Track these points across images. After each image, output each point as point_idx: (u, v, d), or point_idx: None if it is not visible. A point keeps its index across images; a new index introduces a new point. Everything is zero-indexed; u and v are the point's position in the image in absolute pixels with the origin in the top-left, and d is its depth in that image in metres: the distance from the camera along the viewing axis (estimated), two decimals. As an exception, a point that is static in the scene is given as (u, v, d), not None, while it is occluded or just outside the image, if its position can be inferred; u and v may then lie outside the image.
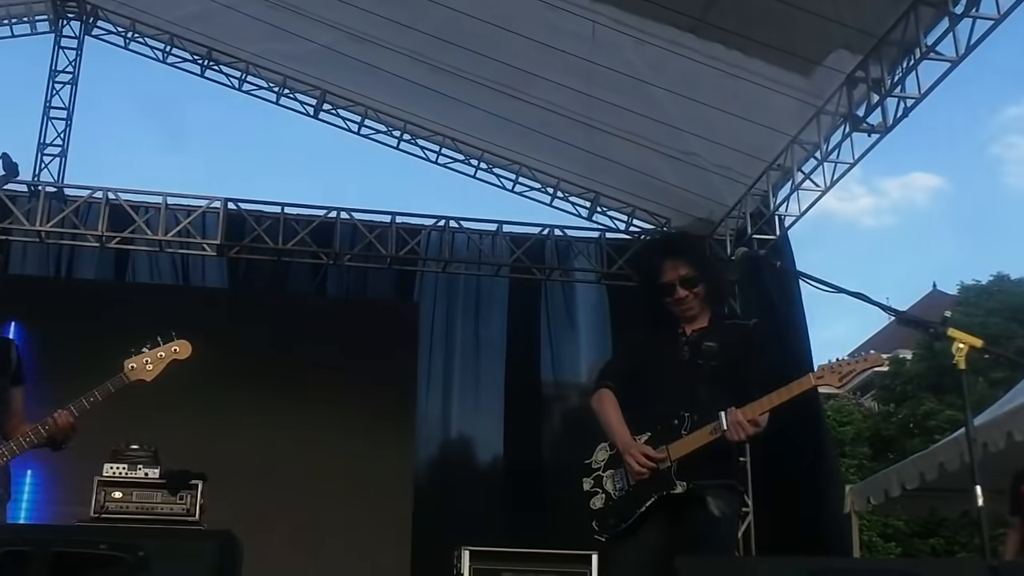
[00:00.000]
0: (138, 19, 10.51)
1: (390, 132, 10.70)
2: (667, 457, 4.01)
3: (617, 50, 8.34)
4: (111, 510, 6.86)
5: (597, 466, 4.22)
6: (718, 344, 4.17)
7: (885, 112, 7.57)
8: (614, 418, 4.23)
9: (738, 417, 3.91)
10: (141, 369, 4.55)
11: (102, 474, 7.03)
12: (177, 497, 6.99)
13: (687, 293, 4.24)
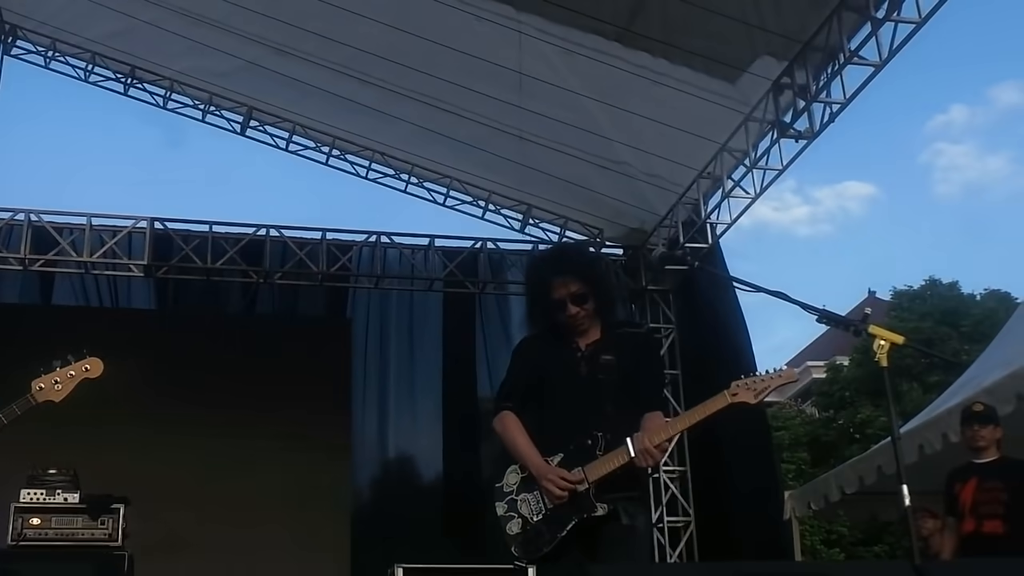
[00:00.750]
0: (59, 38, 10.29)
1: (318, 148, 10.58)
2: (584, 479, 3.93)
3: (544, 60, 8.32)
4: (29, 537, 6.64)
5: (509, 490, 4.10)
6: (615, 357, 4.12)
7: (812, 118, 7.63)
8: (522, 441, 4.11)
9: (645, 444, 3.87)
10: (49, 389, 4.36)
11: (19, 500, 6.81)
12: (98, 522, 6.80)
13: (578, 309, 4.14)
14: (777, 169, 8.29)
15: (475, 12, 8.02)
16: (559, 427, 4.09)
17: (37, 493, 6.81)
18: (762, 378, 3.95)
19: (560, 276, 4.18)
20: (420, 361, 10.49)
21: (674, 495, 9.87)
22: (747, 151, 8.33)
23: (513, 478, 4.11)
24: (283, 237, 10.10)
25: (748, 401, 3.91)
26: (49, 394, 4.36)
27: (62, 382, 4.38)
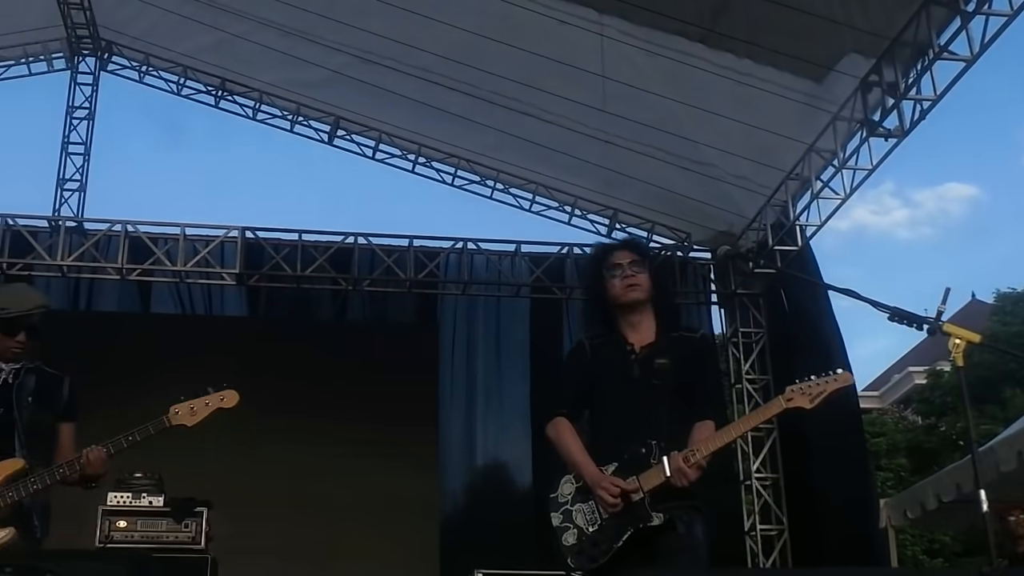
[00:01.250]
0: (152, 52, 10.60)
1: (405, 156, 10.69)
2: (639, 488, 3.87)
3: (628, 63, 8.26)
4: (116, 539, 6.79)
5: (564, 500, 4.03)
6: (670, 360, 4.05)
7: (901, 116, 7.42)
8: (575, 449, 4.05)
9: (679, 464, 3.81)
10: (184, 415, 4.48)
11: (106, 503, 6.96)
12: (182, 525, 6.92)
13: (634, 274, 4.14)
14: (867, 169, 8.09)
15: (557, 16, 8.00)
16: (613, 434, 4.04)
17: (123, 496, 6.96)
18: (817, 382, 3.88)
19: (622, 249, 4.26)
20: (507, 367, 10.48)
21: (767, 503, 9.71)
22: (835, 151, 8.14)
23: (568, 488, 4.05)
24: (371, 245, 10.19)
25: (803, 406, 3.84)
26: (183, 419, 4.47)
27: (198, 409, 4.49)
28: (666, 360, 4.04)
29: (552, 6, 7.91)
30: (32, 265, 9.81)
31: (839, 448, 9.45)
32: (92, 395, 8.42)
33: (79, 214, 10.11)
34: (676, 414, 3.99)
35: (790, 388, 3.86)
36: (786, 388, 3.87)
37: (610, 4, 7.71)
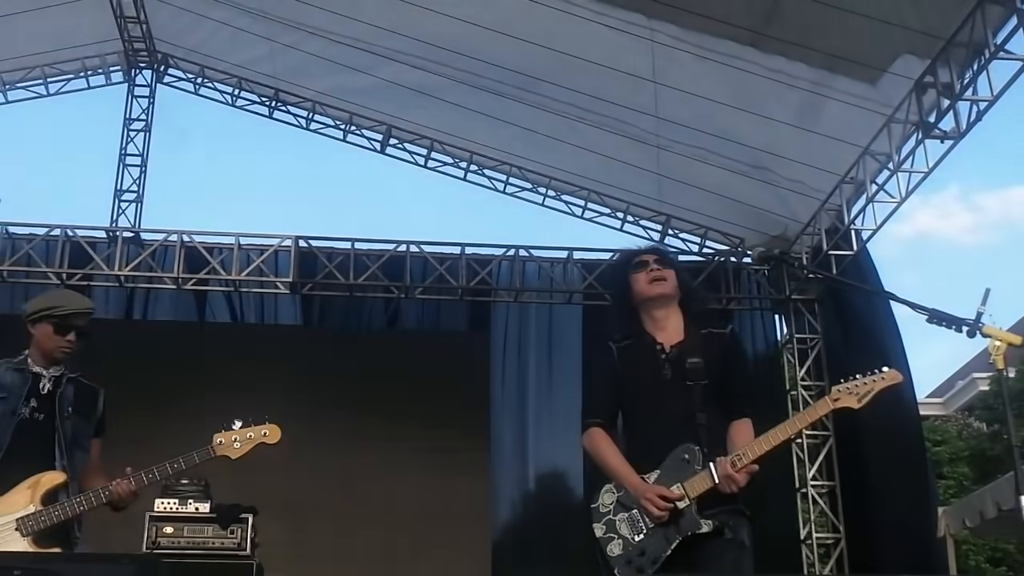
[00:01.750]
0: (207, 64, 10.73)
1: (456, 163, 10.72)
2: (684, 495, 3.81)
3: (679, 67, 8.22)
4: (163, 545, 6.86)
5: (606, 510, 3.96)
6: (702, 359, 3.97)
7: (957, 117, 7.28)
8: (614, 459, 4.00)
9: (727, 471, 3.75)
10: (228, 446, 4.57)
11: (153, 509, 7.03)
12: (228, 531, 6.96)
13: (659, 269, 4.13)
14: (923, 171, 7.96)
15: (606, 22, 7.97)
16: (650, 438, 3.98)
17: (170, 502, 7.02)
18: (864, 381, 3.78)
19: (648, 252, 4.25)
20: (559, 374, 10.43)
21: (823, 510, 9.59)
22: (890, 154, 8.02)
23: (609, 498, 3.99)
24: (423, 253, 10.21)
25: (851, 406, 3.75)
26: (227, 450, 4.58)
27: (241, 442, 4.60)
28: (698, 359, 3.96)
29: (602, 11, 7.88)
30: (91, 275, 9.96)
31: (898, 455, 9.31)
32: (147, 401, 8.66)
33: (136, 224, 10.25)
34: (713, 415, 3.92)
35: (836, 388, 3.78)
36: (832, 388, 3.79)
37: (660, 9, 7.66)
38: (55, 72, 10.71)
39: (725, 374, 4.01)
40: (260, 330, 10.47)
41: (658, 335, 4.09)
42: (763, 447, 3.80)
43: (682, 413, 3.91)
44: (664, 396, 3.98)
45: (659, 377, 4.01)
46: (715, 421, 3.91)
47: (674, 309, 4.16)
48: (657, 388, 4.01)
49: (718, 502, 3.83)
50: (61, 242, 9.82)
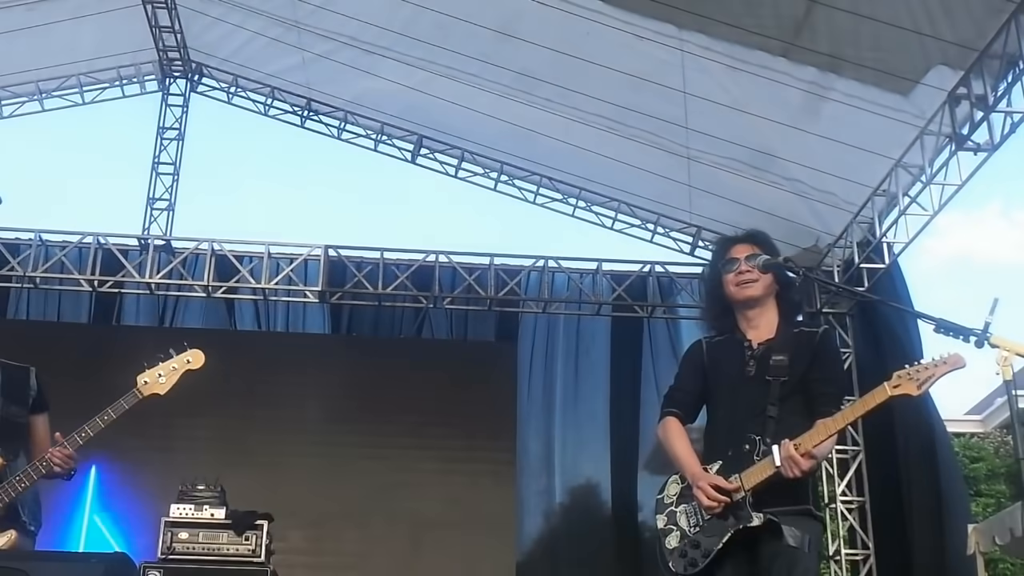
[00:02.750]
0: (240, 74, 10.80)
1: (487, 173, 10.71)
2: (740, 487, 3.73)
3: (710, 78, 8.17)
4: (177, 551, 6.85)
5: (669, 501, 3.93)
6: (787, 357, 3.87)
7: (991, 129, 7.17)
8: (681, 448, 3.96)
9: (790, 451, 3.62)
10: (154, 383, 4.50)
11: (168, 515, 7.04)
12: (243, 538, 6.94)
13: (750, 268, 3.97)
14: (956, 184, 7.86)
15: (637, 32, 7.95)
16: (723, 432, 3.93)
17: (186, 508, 7.02)
18: (926, 366, 3.59)
19: (746, 241, 4.10)
20: (587, 385, 10.42)
21: (852, 526, 9.49)
22: (923, 166, 7.93)
23: (674, 488, 3.96)
24: (452, 262, 10.21)
25: (911, 392, 3.57)
26: (154, 387, 4.51)
27: (166, 375, 4.52)
28: (783, 356, 3.87)
29: (632, 21, 7.86)
30: (122, 283, 10.06)
31: (928, 471, 9.22)
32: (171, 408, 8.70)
33: (167, 233, 10.31)
34: (789, 410, 3.81)
35: (897, 374, 3.61)
36: (892, 374, 3.62)
37: (690, 19, 7.62)
38: (91, 80, 10.80)
39: (811, 372, 3.89)
40: (288, 338, 10.51)
41: (749, 332, 4.02)
42: (820, 435, 3.67)
43: (756, 407, 3.83)
44: (744, 392, 3.91)
45: (743, 374, 3.94)
46: (789, 416, 3.79)
47: (769, 306, 4.05)
48: (739, 384, 3.94)
49: (783, 501, 3.72)
50: (93, 249, 9.92)
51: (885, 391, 3.62)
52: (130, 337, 10.00)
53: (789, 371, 3.85)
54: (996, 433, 25.89)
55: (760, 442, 3.76)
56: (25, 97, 10.78)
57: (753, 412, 3.84)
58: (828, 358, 4.07)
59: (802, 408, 3.84)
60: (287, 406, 9.41)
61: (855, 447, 9.63)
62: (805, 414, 3.79)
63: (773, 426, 3.77)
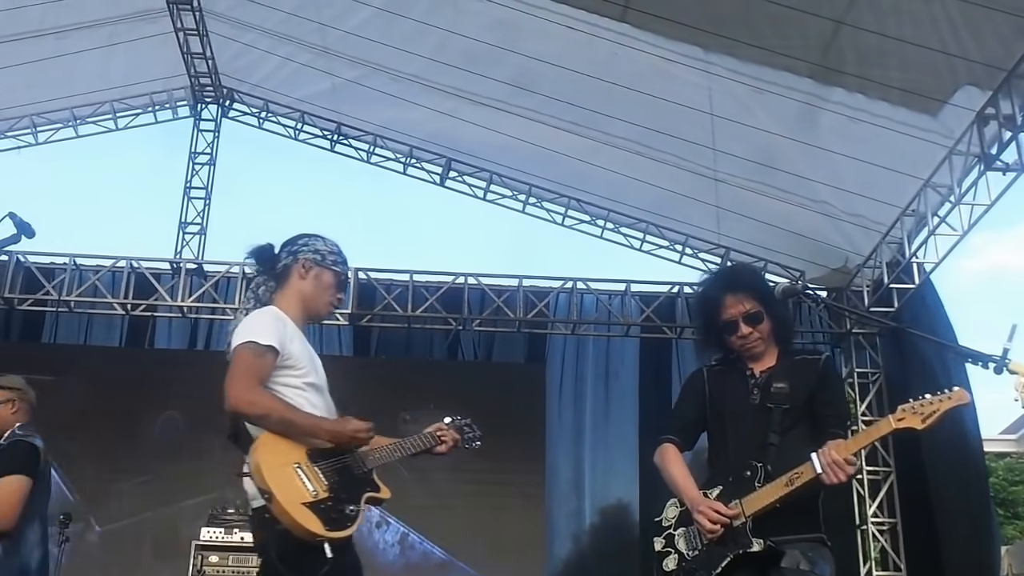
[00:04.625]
0: (271, 99, 10.92)
1: (515, 196, 10.77)
2: (740, 513, 3.71)
3: (736, 100, 8.20)
4: (207, 574, 6.91)
5: (668, 524, 3.92)
6: (789, 385, 3.86)
7: (1020, 149, 7.17)
8: (679, 473, 3.94)
9: (833, 456, 3.56)
10: None
11: (199, 538, 7.08)
12: (273, 563, 6.98)
13: (751, 330, 3.95)
14: (985, 204, 7.84)
15: (663, 55, 7.99)
16: (724, 459, 3.92)
17: (216, 532, 7.07)
18: (930, 400, 3.57)
19: (733, 293, 4.01)
20: (616, 407, 10.40)
21: (884, 548, 9.42)
22: (952, 186, 7.91)
23: (672, 512, 3.94)
24: (481, 285, 10.25)
25: (914, 426, 3.54)
26: None
27: None
28: (784, 384, 3.86)
29: (658, 44, 7.91)
30: (155, 306, 10.15)
31: (960, 492, 9.14)
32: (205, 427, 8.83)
33: (199, 256, 10.41)
34: (793, 439, 3.79)
35: (901, 408, 3.59)
36: (897, 408, 3.61)
37: (716, 41, 7.66)
38: (123, 107, 10.96)
39: (814, 399, 3.88)
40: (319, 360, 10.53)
41: (750, 362, 4.02)
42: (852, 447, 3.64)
43: (758, 435, 3.83)
44: (746, 420, 3.90)
45: (746, 402, 3.93)
46: (790, 443, 3.77)
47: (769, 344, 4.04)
48: (741, 412, 3.93)
49: (794, 529, 3.70)
50: (126, 273, 10.02)
51: (890, 423, 3.61)
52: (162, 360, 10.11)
53: (790, 398, 3.84)
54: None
55: (762, 469, 3.75)
56: (60, 123, 10.95)
57: (755, 439, 3.83)
58: (832, 384, 4.08)
59: (804, 436, 3.81)
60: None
61: (886, 468, 9.58)
62: (808, 441, 3.76)
63: (774, 453, 3.76)
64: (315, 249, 3.98)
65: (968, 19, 6.62)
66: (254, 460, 3.52)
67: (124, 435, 9.50)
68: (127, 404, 9.59)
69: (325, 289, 3.98)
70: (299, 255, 3.95)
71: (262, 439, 3.58)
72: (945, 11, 6.62)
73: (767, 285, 4.20)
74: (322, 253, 3.98)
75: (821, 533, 3.80)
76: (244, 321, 3.82)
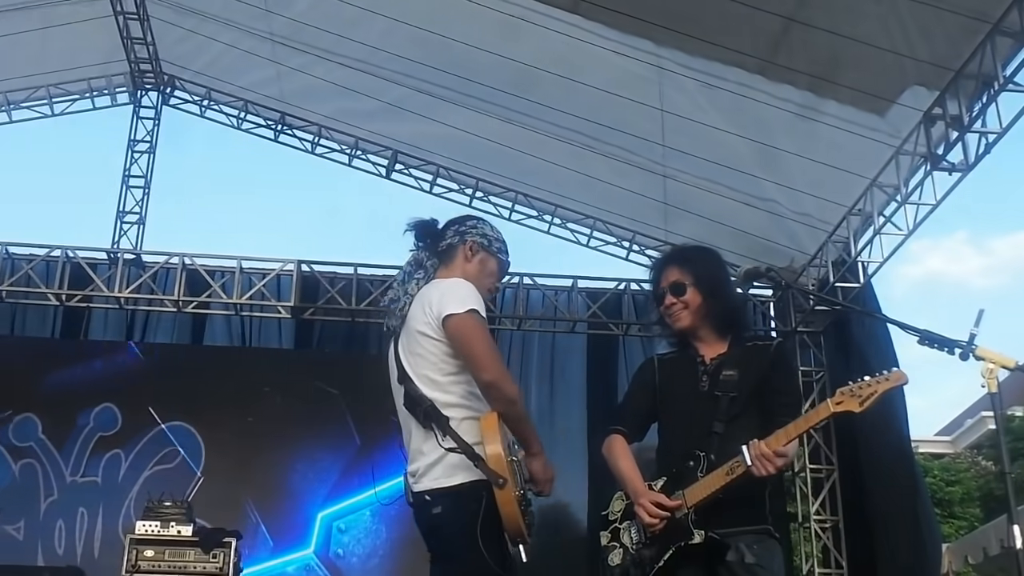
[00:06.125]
0: (213, 87, 10.70)
1: (462, 190, 10.64)
2: (683, 504, 3.64)
3: (686, 96, 8.15)
4: (143, 569, 6.71)
5: (614, 518, 3.87)
6: (738, 372, 3.79)
7: (966, 149, 7.19)
8: (624, 465, 3.87)
9: (762, 449, 3.50)
10: None
11: (134, 532, 6.89)
12: (210, 555, 6.81)
13: (673, 300, 3.91)
14: (931, 204, 7.86)
15: (614, 48, 7.92)
16: (670, 449, 3.85)
17: (152, 525, 6.87)
18: (868, 382, 3.52)
19: (667, 267, 4.01)
20: (562, 403, 10.31)
21: (826, 545, 9.45)
22: (898, 186, 7.93)
23: (618, 505, 3.89)
24: (426, 279, 10.08)
25: (853, 409, 3.50)
26: None
27: None
28: (733, 372, 3.79)
29: (609, 37, 7.82)
30: (90, 296, 9.91)
31: (898, 491, 9.19)
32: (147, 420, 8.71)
33: (138, 247, 10.17)
34: (739, 428, 3.69)
35: (840, 391, 3.56)
36: (836, 391, 3.58)
37: (667, 36, 7.60)
38: (60, 92, 10.66)
39: (764, 386, 3.80)
40: (259, 354, 10.35)
41: (701, 348, 3.95)
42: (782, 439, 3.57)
43: (704, 424, 3.75)
44: (694, 408, 3.83)
45: (695, 390, 3.86)
46: (736, 433, 3.67)
47: (710, 325, 3.96)
48: (690, 400, 3.86)
49: (743, 521, 3.65)
50: (61, 263, 9.78)
51: (828, 407, 3.57)
52: (100, 352, 9.87)
53: (738, 386, 3.77)
54: (965, 454, 26.05)
55: (704, 458, 3.68)
56: (-8, 108, 10.64)
57: (700, 428, 3.76)
58: (783, 370, 4.05)
59: (752, 424, 3.72)
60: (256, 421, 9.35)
61: (829, 466, 9.61)
62: (755, 430, 3.66)
63: (718, 442, 3.69)
64: (483, 233, 3.94)
65: (917, 19, 6.62)
66: (492, 443, 3.44)
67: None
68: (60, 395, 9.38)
69: (488, 275, 3.92)
70: (467, 236, 3.91)
71: (493, 422, 3.49)
72: (895, 11, 6.61)
73: (708, 262, 4.11)
74: (489, 239, 3.94)
75: (768, 525, 3.75)
76: (453, 287, 3.70)
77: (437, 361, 3.63)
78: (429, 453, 3.57)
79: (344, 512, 9.14)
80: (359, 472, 9.21)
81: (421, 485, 3.60)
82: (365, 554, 9.01)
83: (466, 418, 3.57)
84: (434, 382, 3.63)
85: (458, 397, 3.62)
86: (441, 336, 3.62)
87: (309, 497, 9.18)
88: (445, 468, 3.53)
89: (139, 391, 9.33)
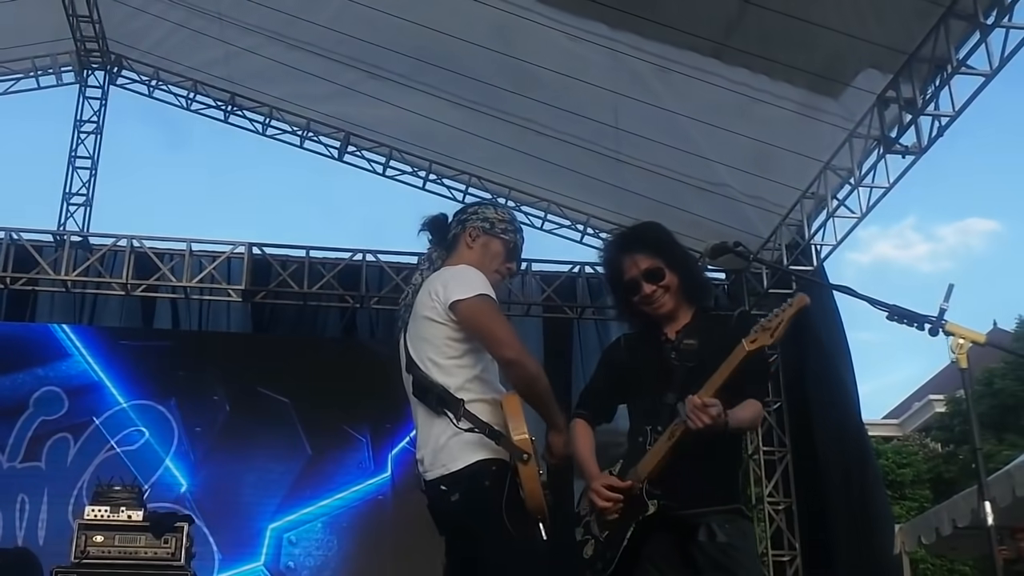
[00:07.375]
0: (161, 67, 10.53)
1: (415, 172, 10.57)
2: (634, 482, 3.52)
3: (639, 79, 8.12)
4: (92, 555, 6.57)
5: (584, 512, 3.71)
6: (698, 341, 3.67)
7: (919, 132, 7.23)
8: (582, 450, 3.75)
9: (694, 401, 3.37)
10: None
11: (83, 517, 6.76)
12: (162, 540, 6.69)
13: (653, 287, 3.78)
14: (884, 187, 7.90)
15: (568, 31, 7.86)
16: (634, 427, 3.73)
17: (101, 510, 6.74)
18: (775, 314, 3.46)
19: (629, 254, 3.86)
20: (516, 387, 10.28)
21: (779, 528, 9.50)
22: (852, 169, 7.96)
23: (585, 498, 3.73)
24: (379, 262, 10.00)
25: (766, 343, 3.43)
26: None
27: None
28: (693, 341, 3.67)
29: (563, 20, 7.77)
30: (36, 280, 9.70)
31: (851, 472, 9.27)
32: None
33: (85, 229, 9.99)
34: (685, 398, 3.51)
35: (753, 329, 3.47)
36: (750, 330, 3.48)
37: (621, 18, 7.55)
38: (3, 71, 10.44)
39: (719, 357, 3.55)
40: (209, 338, 10.22)
41: (665, 324, 3.83)
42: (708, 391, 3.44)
43: (659, 398, 3.63)
44: (655, 383, 3.70)
45: (659, 364, 3.73)
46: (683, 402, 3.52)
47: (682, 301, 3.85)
48: (653, 375, 3.73)
49: (714, 501, 3.56)
50: (5, 245, 9.54)
51: (743, 348, 3.46)
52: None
53: (698, 354, 3.64)
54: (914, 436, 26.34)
55: (652, 432, 3.58)
56: (-67, 87, 10.40)
57: (653, 403, 3.65)
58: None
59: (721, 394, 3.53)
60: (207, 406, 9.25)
61: (782, 448, 9.66)
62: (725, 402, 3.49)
63: (668, 413, 3.55)
64: (484, 217, 3.96)
65: (872, 2, 6.65)
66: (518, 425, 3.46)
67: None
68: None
69: (493, 258, 3.92)
70: (467, 224, 3.95)
71: (516, 404, 3.50)
72: (850, -7, 6.63)
73: (667, 239, 4.02)
74: (491, 221, 3.95)
75: (738, 504, 3.69)
76: (457, 275, 3.73)
77: (441, 345, 3.65)
78: (439, 436, 3.58)
79: (295, 524, 8.99)
80: (311, 483, 9.10)
81: (433, 472, 3.59)
82: (316, 566, 8.85)
83: (473, 400, 3.58)
84: (438, 366, 3.64)
85: (464, 380, 3.62)
86: (446, 320, 3.64)
87: (258, 509, 9.00)
88: (459, 448, 3.53)
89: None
